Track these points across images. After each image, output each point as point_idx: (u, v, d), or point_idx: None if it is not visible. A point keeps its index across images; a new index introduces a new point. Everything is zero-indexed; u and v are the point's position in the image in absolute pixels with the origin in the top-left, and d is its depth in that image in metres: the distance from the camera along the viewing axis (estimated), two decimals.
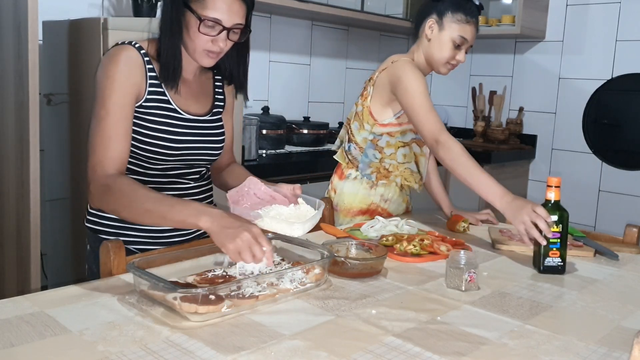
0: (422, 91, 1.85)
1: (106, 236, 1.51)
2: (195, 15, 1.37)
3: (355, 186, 2.04)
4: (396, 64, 1.94)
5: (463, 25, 1.90)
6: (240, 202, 1.39)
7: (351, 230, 1.77)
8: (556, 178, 1.50)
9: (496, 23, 4.02)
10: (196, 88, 1.55)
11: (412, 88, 1.85)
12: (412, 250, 1.55)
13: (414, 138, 2.03)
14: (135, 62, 1.41)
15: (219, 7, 1.36)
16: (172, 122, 1.46)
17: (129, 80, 1.40)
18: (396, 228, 1.74)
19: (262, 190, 1.42)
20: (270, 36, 3.52)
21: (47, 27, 2.50)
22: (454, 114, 4.57)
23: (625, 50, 3.72)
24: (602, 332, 1.14)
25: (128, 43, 1.44)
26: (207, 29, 1.38)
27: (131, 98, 1.40)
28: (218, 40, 1.40)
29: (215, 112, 1.59)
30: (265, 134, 3.12)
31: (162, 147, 1.45)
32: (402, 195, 2.10)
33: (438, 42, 1.93)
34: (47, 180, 2.54)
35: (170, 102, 1.46)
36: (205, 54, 1.42)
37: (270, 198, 1.41)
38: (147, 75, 1.43)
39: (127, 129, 1.40)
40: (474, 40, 1.94)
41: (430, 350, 1.02)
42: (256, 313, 1.14)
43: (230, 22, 1.38)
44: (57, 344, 0.99)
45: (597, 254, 1.68)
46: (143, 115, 1.44)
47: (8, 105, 2.20)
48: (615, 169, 3.82)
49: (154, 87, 1.44)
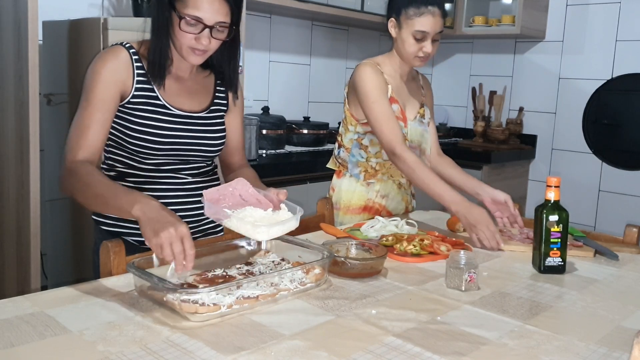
0: (376, 99, 1.91)
1: (107, 227, 1.56)
2: (177, 14, 1.42)
3: (352, 183, 2.06)
4: (356, 68, 2.00)
5: (417, 19, 1.92)
6: (220, 201, 1.37)
7: (351, 230, 1.77)
8: (556, 178, 1.49)
9: (496, 23, 4.02)
10: (192, 85, 1.58)
11: (367, 95, 1.93)
12: (412, 250, 1.55)
13: None
14: (122, 60, 1.47)
15: (199, 6, 1.40)
16: (160, 118, 1.50)
17: (114, 76, 1.45)
18: (396, 228, 1.74)
19: (249, 192, 1.41)
20: (270, 36, 3.52)
21: (47, 27, 2.50)
22: (454, 114, 4.57)
23: (625, 50, 3.72)
24: (602, 332, 1.14)
25: (120, 44, 1.50)
26: (188, 27, 1.42)
27: (114, 93, 1.45)
28: (201, 38, 1.44)
29: (214, 109, 1.62)
30: (265, 134, 3.12)
31: (151, 142, 1.49)
32: (400, 194, 2.11)
33: (401, 40, 1.97)
34: (47, 180, 2.54)
35: (159, 98, 1.51)
36: (191, 51, 1.46)
37: (256, 201, 1.39)
38: (135, 73, 1.48)
39: (104, 120, 1.45)
40: (437, 29, 1.94)
41: (430, 350, 1.02)
42: (256, 313, 1.14)
43: (212, 20, 1.42)
44: (57, 344, 0.99)
45: (597, 254, 1.68)
46: (131, 110, 1.48)
47: (8, 105, 2.20)
48: (615, 169, 3.82)
49: (142, 84, 1.49)
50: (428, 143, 2.11)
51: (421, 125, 2.08)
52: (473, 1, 4.12)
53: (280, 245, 1.47)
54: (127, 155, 1.52)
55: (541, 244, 1.49)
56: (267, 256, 1.42)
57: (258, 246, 1.46)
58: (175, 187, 1.56)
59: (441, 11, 1.94)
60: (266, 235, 1.27)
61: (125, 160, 1.53)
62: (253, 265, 1.36)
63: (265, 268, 1.34)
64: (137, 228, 1.52)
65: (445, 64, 4.59)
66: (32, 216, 2.14)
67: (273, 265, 1.36)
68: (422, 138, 2.08)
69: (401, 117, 2.00)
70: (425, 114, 2.11)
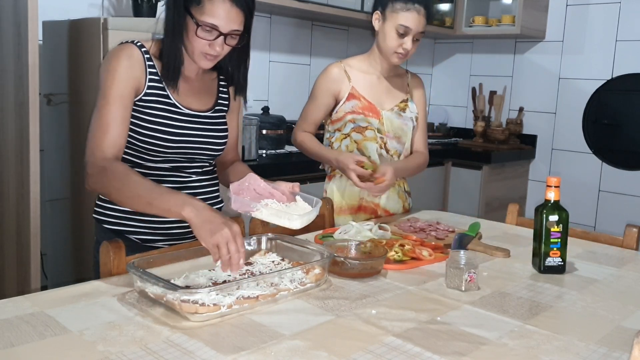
0: (310, 96, 2.14)
1: (109, 226, 1.57)
2: (193, 21, 1.43)
3: (341, 183, 2.10)
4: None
5: (403, 13, 1.96)
6: (241, 194, 1.44)
7: (323, 237, 1.69)
8: (556, 178, 1.49)
9: (496, 23, 4.02)
10: (198, 86, 1.60)
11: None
12: (395, 257, 1.51)
13: (353, 127, 2.08)
14: (136, 58, 1.48)
15: (216, 14, 1.42)
16: (171, 116, 1.52)
17: (129, 73, 1.46)
18: (371, 233, 1.68)
19: (262, 186, 1.47)
20: (270, 36, 3.52)
21: (47, 27, 2.50)
22: (454, 114, 4.57)
23: (625, 50, 3.72)
24: (602, 332, 1.14)
25: (131, 42, 1.51)
26: (204, 34, 1.44)
27: (131, 90, 1.47)
28: (215, 45, 1.46)
29: (218, 109, 1.64)
30: (265, 134, 3.12)
31: (161, 140, 1.50)
32: (395, 191, 2.13)
33: (383, 33, 2.02)
34: (47, 180, 2.54)
35: (169, 97, 1.52)
36: (203, 56, 1.48)
37: (269, 194, 1.46)
38: (147, 72, 1.49)
39: (124, 117, 1.46)
40: (420, 28, 1.98)
41: (430, 350, 1.02)
42: (256, 313, 1.14)
43: (227, 28, 1.44)
44: (57, 344, 0.99)
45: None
46: (142, 109, 1.49)
47: (8, 105, 2.20)
48: (615, 169, 3.82)
49: (153, 83, 1.50)
50: (408, 136, 2.14)
51: (399, 118, 2.10)
52: (473, 1, 4.12)
53: (280, 245, 1.47)
54: (134, 153, 1.53)
55: (541, 244, 1.49)
56: (267, 256, 1.42)
57: (258, 246, 1.47)
58: (180, 185, 1.58)
59: (426, 12, 1.99)
60: (299, 223, 1.36)
61: (131, 158, 1.54)
62: (253, 265, 1.36)
63: (265, 268, 1.34)
64: (140, 227, 1.56)
65: (445, 64, 4.59)
66: (32, 216, 2.14)
67: (273, 265, 1.36)
68: (400, 130, 2.11)
69: (367, 110, 2.06)
70: (408, 109, 2.13)
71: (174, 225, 1.58)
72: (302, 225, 1.37)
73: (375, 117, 2.06)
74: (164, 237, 1.59)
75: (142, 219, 1.55)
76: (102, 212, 1.59)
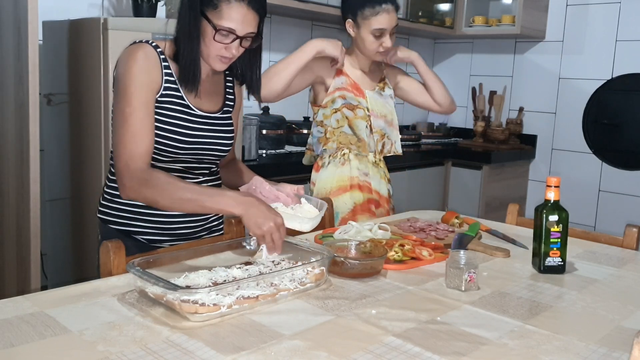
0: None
1: (115, 226, 1.58)
2: (211, 25, 1.44)
3: (329, 170, 2.16)
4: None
5: (374, 18, 2.04)
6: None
7: (323, 237, 1.69)
8: (556, 178, 1.49)
9: (496, 23, 4.02)
10: (209, 87, 1.61)
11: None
12: (395, 257, 1.50)
13: (344, 103, 2.14)
14: (152, 59, 1.48)
15: (234, 18, 1.43)
16: (186, 118, 1.52)
17: (149, 76, 1.47)
18: (370, 233, 1.68)
19: (267, 189, 1.53)
20: (270, 36, 3.52)
21: (47, 27, 2.50)
22: (454, 114, 4.54)
23: (625, 50, 3.72)
24: (602, 332, 1.14)
25: (145, 42, 1.50)
26: (221, 37, 1.45)
27: (152, 94, 1.48)
28: (231, 48, 1.47)
29: (226, 110, 1.65)
30: (265, 134, 3.12)
31: (175, 141, 1.51)
32: (378, 172, 2.20)
33: (360, 39, 2.12)
34: (47, 180, 2.54)
35: (184, 99, 1.53)
36: (218, 59, 1.50)
37: (275, 197, 1.52)
38: (163, 72, 1.49)
39: (151, 124, 1.48)
40: (393, 24, 2.07)
41: (430, 350, 1.02)
42: (256, 313, 1.14)
43: (244, 31, 1.46)
44: (57, 344, 0.99)
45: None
46: (158, 110, 1.50)
47: (8, 105, 2.20)
48: (615, 169, 3.82)
49: (169, 84, 1.51)
50: (394, 114, 2.24)
51: (380, 97, 2.21)
52: (473, 1, 4.12)
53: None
54: None
55: (541, 244, 1.49)
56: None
57: (258, 246, 1.47)
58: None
59: (394, 6, 2.07)
60: (309, 226, 1.47)
61: None
62: (253, 265, 1.36)
63: (265, 268, 1.34)
64: (147, 227, 1.57)
65: (445, 64, 4.59)
66: (32, 216, 2.14)
67: (273, 265, 1.36)
68: (384, 109, 2.21)
69: (354, 89, 2.16)
70: (387, 88, 2.26)
71: (180, 226, 1.59)
72: (312, 227, 1.47)
73: (362, 97, 2.15)
74: (170, 237, 1.59)
75: (148, 219, 1.55)
76: (107, 212, 1.59)
